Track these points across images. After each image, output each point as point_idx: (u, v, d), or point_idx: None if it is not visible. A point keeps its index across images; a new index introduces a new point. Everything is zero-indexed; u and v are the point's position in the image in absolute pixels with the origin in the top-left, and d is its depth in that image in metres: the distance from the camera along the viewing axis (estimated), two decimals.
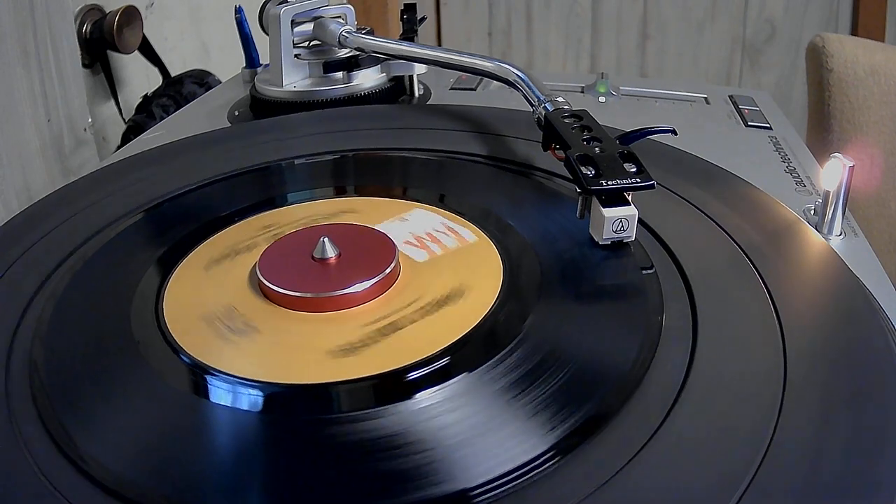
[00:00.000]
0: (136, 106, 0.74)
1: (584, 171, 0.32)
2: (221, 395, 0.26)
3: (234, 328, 0.29)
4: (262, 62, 0.65)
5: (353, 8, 0.57)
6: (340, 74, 0.55)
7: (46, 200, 0.41)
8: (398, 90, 0.57)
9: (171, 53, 0.81)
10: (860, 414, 0.24)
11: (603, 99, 0.58)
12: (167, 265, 0.34)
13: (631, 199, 0.32)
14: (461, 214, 0.36)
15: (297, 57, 0.56)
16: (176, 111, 0.64)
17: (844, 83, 0.74)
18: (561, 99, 0.41)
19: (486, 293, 0.30)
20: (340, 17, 0.56)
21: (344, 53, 0.57)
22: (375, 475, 0.23)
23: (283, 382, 0.26)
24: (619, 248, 0.33)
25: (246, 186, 0.42)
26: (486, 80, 0.61)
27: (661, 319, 0.29)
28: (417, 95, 0.58)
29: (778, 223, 0.36)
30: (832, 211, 0.37)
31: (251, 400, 0.26)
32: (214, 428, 0.25)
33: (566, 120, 0.37)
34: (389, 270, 0.31)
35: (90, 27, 0.69)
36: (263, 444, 0.25)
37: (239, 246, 0.35)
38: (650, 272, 0.32)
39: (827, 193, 0.37)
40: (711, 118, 0.54)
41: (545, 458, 0.23)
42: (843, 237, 0.37)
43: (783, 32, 1.46)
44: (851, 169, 0.35)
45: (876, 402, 0.25)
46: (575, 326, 0.29)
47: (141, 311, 0.31)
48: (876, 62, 0.74)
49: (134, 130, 0.71)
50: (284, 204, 0.39)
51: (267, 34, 0.57)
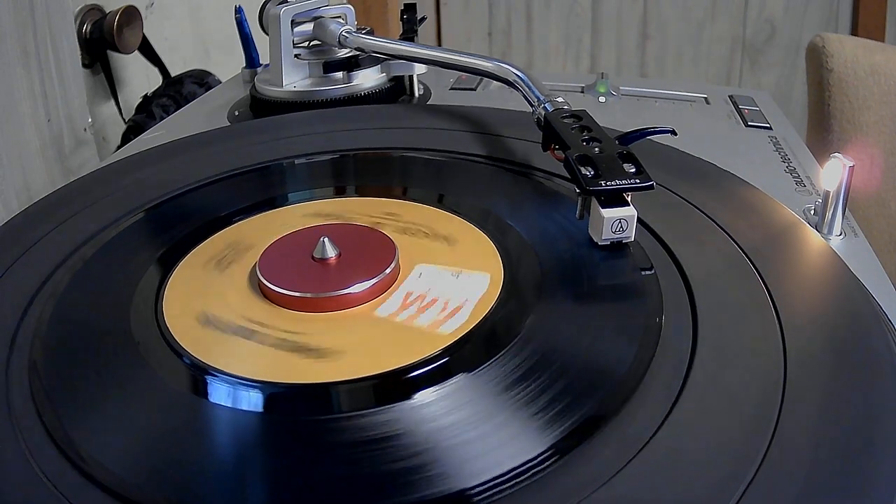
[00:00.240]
0: (136, 106, 0.74)
1: (583, 171, 0.32)
2: (221, 395, 0.26)
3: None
4: (262, 62, 0.65)
5: (353, 8, 0.57)
6: (340, 74, 0.55)
7: (46, 200, 0.41)
8: (398, 90, 0.57)
9: (171, 53, 0.81)
10: (860, 414, 0.24)
11: (603, 99, 0.58)
12: (167, 265, 0.34)
13: (630, 199, 0.32)
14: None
15: (297, 57, 0.56)
16: (176, 111, 0.64)
17: (844, 83, 0.74)
18: (560, 99, 0.41)
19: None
20: (340, 17, 0.56)
21: (344, 53, 0.57)
22: (375, 475, 0.23)
23: (282, 382, 0.26)
24: (618, 248, 0.33)
25: (246, 186, 0.42)
26: (486, 80, 0.61)
27: (660, 320, 0.29)
28: (417, 95, 0.58)
29: (778, 223, 0.36)
30: (832, 211, 0.37)
31: (251, 400, 0.26)
32: (214, 428, 0.25)
33: (565, 120, 0.37)
34: (389, 270, 0.31)
35: (90, 27, 0.69)
36: (263, 444, 0.25)
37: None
38: (650, 273, 0.32)
39: (827, 193, 0.37)
40: (711, 118, 0.54)
41: (544, 458, 0.23)
42: (843, 237, 0.37)
43: (783, 32, 1.46)
44: (851, 169, 0.35)
45: (876, 401, 0.25)
46: (574, 327, 0.29)
47: (141, 311, 0.31)
48: (876, 62, 0.74)
49: (134, 130, 0.71)
50: (284, 203, 0.39)
51: (267, 34, 0.57)
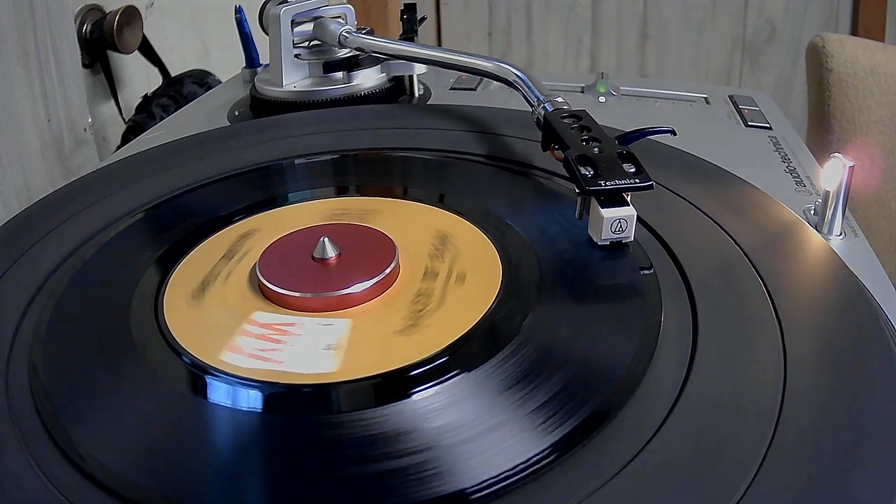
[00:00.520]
0: (136, 106, 0.74)
1: (582, 171, 0.32)
2: (221, 394, 0.26)
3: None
4: (262, 62, 0.65)
5: (353, 8, 0.57)
6: (340, 74, 0.55)
7: (46, 200, 0.41)
8: (398, 90, 0.57)
9: (171, 53, 0.81)
10: (860, 414, 0.24)
11: (603, 99, 0.58)
12: (167, 265, 0.34)
13: (630, 199, 0.32)
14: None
15: (297, 57, 0.56)
16: (176, 111, 0.64)
17: (844, 83, 0.74)
18: (560, 99, 0.41)
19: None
20: (340, 17, 0.56)
21: (344, 53, 0.57)
22: (375, 475, 0.23)
23: (282, 382, 0.26)
24: (618, 248, 0.33)
25: (246, 186, 0.42)
26: (486, 80, 0.61)
27: (660, 320, 0.29)
28: (417, 95, 0.58)
29: (778, 223, 0.36)
30: (832, 211, 0.37)
31: (251, 400, 0.26)
32: (214, 428, 0.25)
33: (565, 120, 0.37)
34: (389, 270, 0.31)
35: (90, 27, 0.69)
36: (263, 443, 0.25)
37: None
38: (649, 273, 0.32)
39: (827, 193, 0.37)
40: (711, 118, 0.54)
41: (544, 458, 0.23)
42: (843, 237, 0.37)
43: (783, 32, 1.46)
44: (851, 169, 0.35)
45: (876, 402, 0.25)
46: (574, 326, 0.29)
47: (141, 311, 0.31)
48: (876, 62, 0.74)
49: (134, 130, 0.71)
50: (284, 203, 0.39)
51: (267, 34, 0.57)
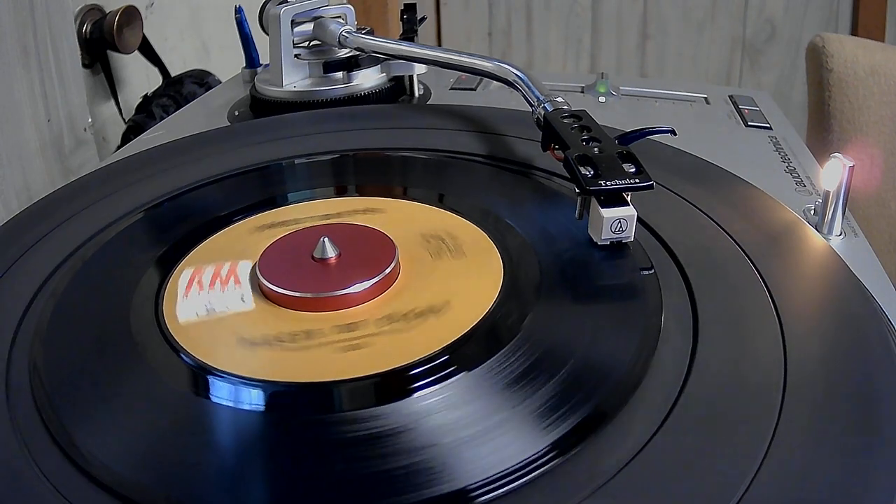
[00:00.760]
0: (136, 106, 0.74)
1: (582, 171, 0.32)
2: (221, 394, 0.26)
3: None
4: (262, 62, 0.65)
5: (353, 8, 0.57)
6: (340, 74, 0.55)
7: (46, 200, 0.41)
8: (398, 90, 0.57)
9: (171, 53, 0.81)
10: (860, 414, 0.24)
11: (603, 99, 0.58)
12: (167, 265, 0.34)
13: (630, 199, 0.32)
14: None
15: (297, 57, 0.56)
16: (176, 111, 0.64)
17: (844, 83, 0.74)
18: (560, 99, 0.41)
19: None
20: (340, 17, 0.56)
21: (344, 53, 0.57)
22: (375, 474, 0.23)
23: (283, 381, 0.26)
24: (618, 248, 0.33)
25: (246, 186, 0.42)
26: (486, 80, 0.61)
27: (660, 320, 0.29)
28: (417, 95, 0.58)
29: (778, 223, 0.36)
30: (832, 211, 0.37)
31: (251, 399, 0.26)
32: (215, 427, 0.25)
33: (565, 120, 0.37)
34: (389, 270, 0.31)
35: (90, 27, 0.69)
36: (263, 443, 0.25)
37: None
38: (650, 272, 0.32)
39: (827, 193, 0.37)
40: (711, 118, 0.54)
41: (544, 457, 0.23)
42: (843, 237, 0.37)
43: (783, 32, 1.47)
44: (851, 169, 0.35)
45: (876, 402, 0.25)
46: (574, 326, 0.29)
47: (141, 310, 0.31)
48: (876, 62, 0.74)
49: (134, 130, 0.71)
50: (284, 203, 0.39)
51: (267, 34, 0.57)
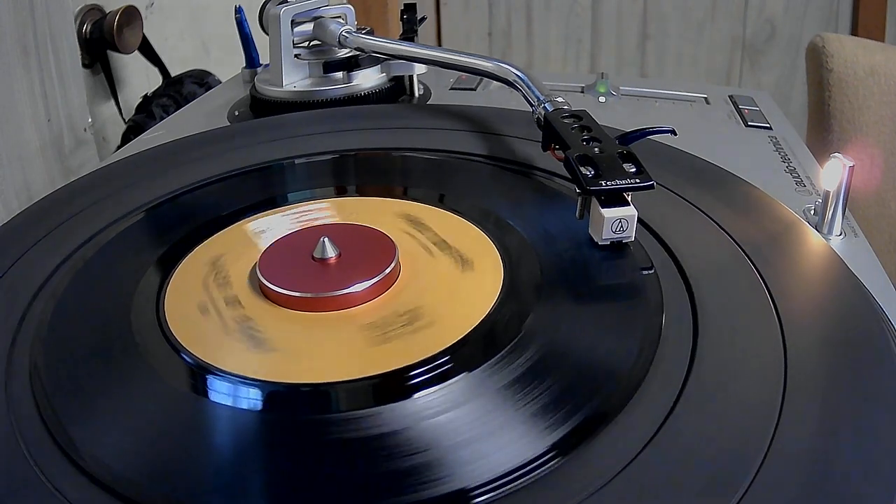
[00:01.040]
0: (136, 106, 0.74)
1: (583, 171, 0.32)
2: (222, 394, 0.26)
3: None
4: (262, 62, 0.65)
5: (353, 8, 0.57)
6: (340, 74, 0.55)
7: (46, 200, 0.41)
8: (398, 90, 0.57)
9: (171, 53, 0.81)
10: (860, 414, 0.24)
11: (603, 99, 0.58)
12: (167, 265, 0.34)
13: (630, 199, 0.32)
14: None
15: (297, 57, 0.56)
16: (176, 111, 0.64)
17: (844, 83, 0.74)
18: (560, 99, 0.41)
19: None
20: (340, 17, 0.56)
21: (344, 53, 0.57)
22: (375, 475, 0.23)
23: (283, 382, 0.26)
24: (618, 248, 0.33)
25: (246, 186, 0.42)
26: (486, 80, 0.61)
27: (661, 320, 0.29)
28: (417, 95, 0.58)
29: (778, 223, 0.36)
30: (832, 211, 0.37)
31: (251, 399, 0.26)
32: (215, 427, 0.25)
33: (566, 120, 0.37)
34: (389, 270, 0.31)
35: (90, 27, 0.69)
36: (263, 443, 0.25)
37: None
38: (650, 272, 0.32)
39: (827, 193, 0.37)
40: (711, 118, 0.54)
41: (545, 458, 0.23)
42: (843, 237, 0.37)
43: (783, 32, 1.46)
44: (851, 169, 0.35)
45: (876, 402, 0.25)
46: (575, 326, 0.29)
47: (141, 310, 0.31)
48: (876, 62, 0.74)
49: (134, 130, 0.71)
50: (284, 203, 0.39)
51: (267, 34, 0.57)
